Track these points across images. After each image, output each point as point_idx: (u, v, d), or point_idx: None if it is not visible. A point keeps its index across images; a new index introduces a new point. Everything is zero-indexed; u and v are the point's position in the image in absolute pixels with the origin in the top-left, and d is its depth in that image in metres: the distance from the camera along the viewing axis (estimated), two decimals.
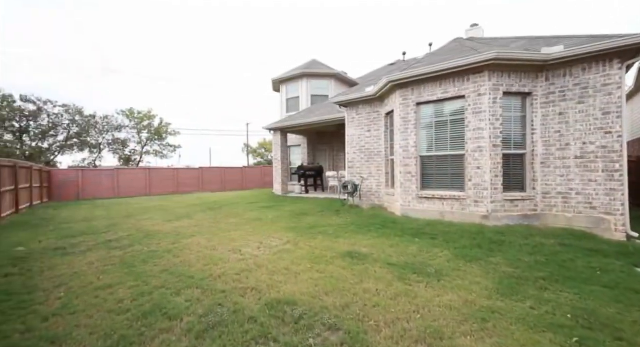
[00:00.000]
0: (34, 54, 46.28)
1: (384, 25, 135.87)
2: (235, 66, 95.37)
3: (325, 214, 7.35)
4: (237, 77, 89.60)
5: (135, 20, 70.43)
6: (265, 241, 5.14)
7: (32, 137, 20.79)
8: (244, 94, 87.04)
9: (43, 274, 3.86)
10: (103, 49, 59.99)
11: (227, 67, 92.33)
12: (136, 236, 5.81)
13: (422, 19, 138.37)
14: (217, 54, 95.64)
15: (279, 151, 12.97)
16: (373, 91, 7.53)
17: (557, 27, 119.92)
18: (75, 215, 9.47)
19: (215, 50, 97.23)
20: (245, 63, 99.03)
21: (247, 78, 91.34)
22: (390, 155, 7.58)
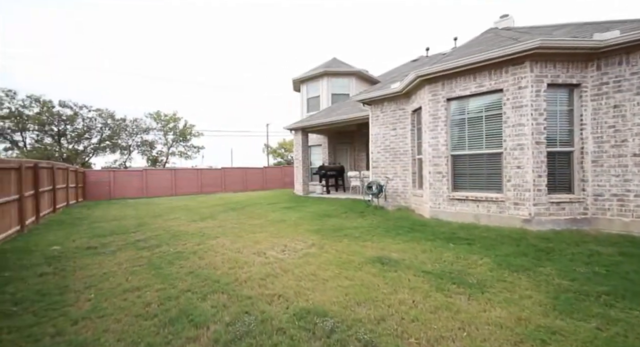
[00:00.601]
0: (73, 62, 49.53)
1: (402, 22, 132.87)
2: (253, 67, 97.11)
3: (349, 216, 7.11)
4: (256, 78, 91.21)
5: (153, 23, 73.55)
6: (290, 244, 5.00)
7: (69, 140, 22.16)
8: (263, 95, 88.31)
9: (75, 273, 3.93)
10: (129, 54, 63.15)
11: (245, 68, 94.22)
12: (163, 236, 5.88)
13: (443, 15, 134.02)
14: (234, 54, 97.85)
15: (299, 151, 12.87)
16: (399, 87, 7.19)
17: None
18: (107, 214, 9.86)
19: (233, 51, 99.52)
20: (263, 63, 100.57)
21: (266, 78, 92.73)
22: (417, 154, 7.21)
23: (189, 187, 19.61)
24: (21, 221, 6.92)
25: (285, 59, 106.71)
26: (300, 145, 12.76)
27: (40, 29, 51.06)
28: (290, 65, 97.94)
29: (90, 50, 54.99)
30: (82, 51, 53.30)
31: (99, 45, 57.09)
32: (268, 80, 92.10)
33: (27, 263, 4.39)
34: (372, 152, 8.32)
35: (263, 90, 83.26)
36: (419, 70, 6.17)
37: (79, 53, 52.55)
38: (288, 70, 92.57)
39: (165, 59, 70.37)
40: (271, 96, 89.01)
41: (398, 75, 14.51)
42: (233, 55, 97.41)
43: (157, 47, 71.80)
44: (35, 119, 20.01)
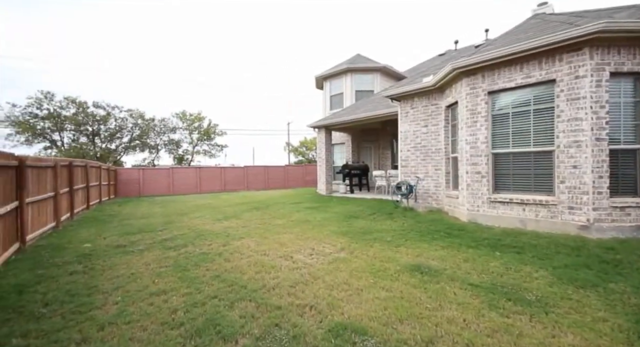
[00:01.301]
0: (104, 64, 52.38)
1: (424, 17, 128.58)
2: (274, 66, 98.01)
3: (378, 217, 6.76)
4: (277, 77, 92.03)
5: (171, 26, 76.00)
6: (317, 247, 4.75)
7: (103, 139, 23.34)
8: (285, 93, 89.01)
9: (104, 273, 3.91)
10: (156, 56, 65.80)
11: (265, 66, 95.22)
12: (189, 236, 5.84)
13: (467, 10, 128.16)
14: (254, 53, 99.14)
15: (323, 149, 12.62)
16: (432, 81, 6.72)
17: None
18: (136, 211, 10.13)
19: (253, 49, 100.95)
20: (283, 62, 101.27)
21: (287, 77, 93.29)
22: (451, 152, 6.71)
23: (213, 185, 19.98)
24: (56, 217, 7.18)
25: (307, 57, 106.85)
26: (324, 143, 12.50)
27: (73, 33, 54.39)
28: (312, 63, 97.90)
29: (119, 53, 57.86)
30: (111, 54, 56.19)
31: (128, 48, 59.96)
32: (290, 79, 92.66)
33: (60, 261, 4.45)
34: (401, 150, 7.89)
35: (284, 89, 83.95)
36: (456, 61, 5.68)
37: (109, 56, 55.45)
38: (310, 69, 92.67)
39: (191, 61, 72.62)
40: (293, 95, 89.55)
41: (425, 70, 13.86)
42: (254, 55, 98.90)
43: (183, 49, 74.25)
44: (71, 119, 21.22)
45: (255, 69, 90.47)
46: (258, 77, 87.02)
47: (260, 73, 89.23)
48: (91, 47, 54.15)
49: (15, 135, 19.72)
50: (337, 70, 14.38)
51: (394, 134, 13.59)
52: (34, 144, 20.67)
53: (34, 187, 5.99)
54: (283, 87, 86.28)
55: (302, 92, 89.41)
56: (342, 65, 14.30)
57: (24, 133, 19.83)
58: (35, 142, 20.65)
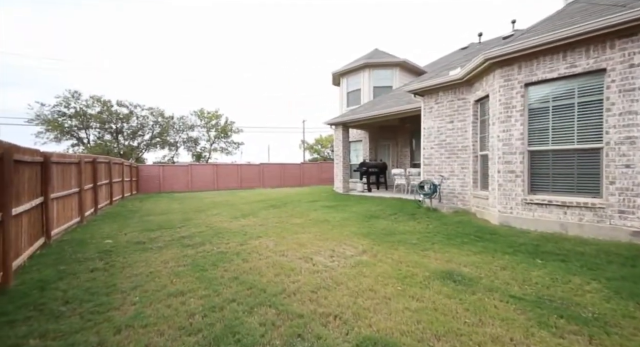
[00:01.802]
0: (127, 64, 54.22)
1: (437, 13, 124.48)
2: (287, 64, 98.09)
3: (400, 218, 6.45)
4: (291, 75, 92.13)
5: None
6: (338, 249, 4.53)
7: (125, 136, 24.10)
8: (299, 91, 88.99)
9: (123, 271, 3.86)
10: (175, 55, 67.38)
11: (279, 65, 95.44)
12: (206, 234, 5.78)
13: (485, 5, 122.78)
14: (270, 51, 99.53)
15: (340, 147, 12.35)
16: (459, 74, 6.30)
17: None
18: (156, 208, 10.29)
19: (267, 46, 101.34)
20: (299, 59, 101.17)
21: (300, 75, 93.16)
22: (480, 150, 6.29)
23: (230, 182, 20.17)
24: (81, 212, 7.34)
25: (323, 53, 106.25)
26: (341, 141, 12.23)
27: (92, 34, 56.54)
28: (329, 60, 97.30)
29: (140, 53, 59.67)
30: (131, 54, 58.03)
31: (147, 48, 61.74)
32: (302, 78, 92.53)
33: (82, 257, 4.47)
34: (423, 148, 7.51)
35: (299, 87, 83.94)
36: (489, 51, 5.25)
37: (130, 55, 57.28)
38: (326, 65, 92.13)
39: (207, 58, 73.88)
40: (307, 92, 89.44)
41: (447, 64, 13.28)
42: (267, 52, 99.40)
43: (200, 46, 75.63)
44: (97, 117, 22.02)
45: (269, 66, 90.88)
46: (272, 74, 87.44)
47: (274, 70, 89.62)
48: (112, 47, 56.14)
49: (45, 133, 20.69)
50: (355, 66, 14.03)
51: (414, 131, 13.13)
52: (62, 142, 21.63)
53: (59, 183, 6.11)
54: (298, 84, 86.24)
55: (317, 90, 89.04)
56: (360, 61, 13.93)
57: (53, 131, 20.77)
58: (63, 139, 21.59)
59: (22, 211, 4.22)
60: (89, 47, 52.95)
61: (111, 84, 47.93)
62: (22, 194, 4.32)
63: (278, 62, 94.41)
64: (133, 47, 60.81)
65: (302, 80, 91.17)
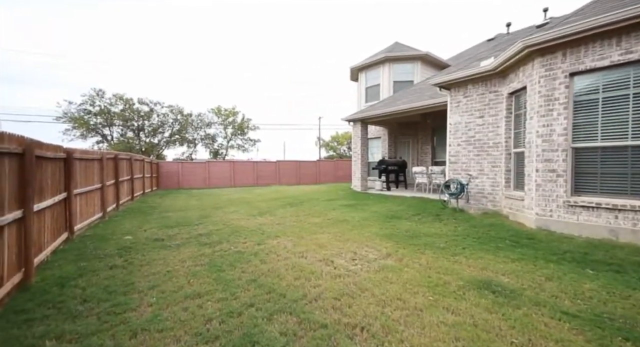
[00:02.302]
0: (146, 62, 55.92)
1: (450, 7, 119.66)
2: (303, 60, 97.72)
3: (424, 219, 6.11)
4: (307, 72, 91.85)
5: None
6: (360, 251, 4.28)
7: (147, 133, 24.80)
8: (316, 88, 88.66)
9: (141, 269, 3.80)
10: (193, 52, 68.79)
11: (296, 61, 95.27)
12: (224, 232, 5.68)
13: None
14: (287, 47, 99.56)
15: (358, 144, 12.03)
16: (492, 65, 5.84)
17: None
18: (175, 204, 10.42)
19: (286, 43, 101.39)
20: (314, 56, 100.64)
21: (316, 72, 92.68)
22: (513, 147, 5.82)
23: (246, 179, 20.30)
24: (103, 208, 7.48)
25: (340, 50, 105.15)
26: (359, 137, 11.90)
27: (111, 32, 58.51)
28: (345, 57, 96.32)
29: (158, 51, 61.32)
30: (150, 52, 59.73)
31: (164, 45, 63.34)
32: (320, 73, 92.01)
33: (102, 253, 4.47)
34: (449, 144, 7.09)
35: (315, 83, 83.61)
36: (528, 38, 4.79)
37: (148, 53, 58.97)
38: (343, 62, 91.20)
39: (223, 54, 74.84)
40: (323, 89, 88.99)
41: (472, 56, 12.63)
42: (284, 48, 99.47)
43: (217, 42, 76.71)
44: (119, 115, 22.76)
45: (286, 62, 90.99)
46: (289, 70, 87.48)
47: (291, 66, 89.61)
48: (133, 45, 58.01)
49: (72, 130, 21.60)
50: (374, 60, 13.60)
51: (436, 128, 12.59)
52: (87, 139, 22.52)
53: (81, 179, 6.20)
54: (315, 80, 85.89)
55: (334, 86, 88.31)
56: (380, 55, 13.48)
57: (80, 128, 21.64)
58: (89, 136, 22.47)
59: (44, 206, 4.24)
60: (110, 46, 54.94)
61: (132, 82, 49.61)
62: (45, 189, 4.35)
63: (295, 58, 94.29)
64: (152, 45, 62.61)
65: (318, 76, 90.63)
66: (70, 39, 52.54)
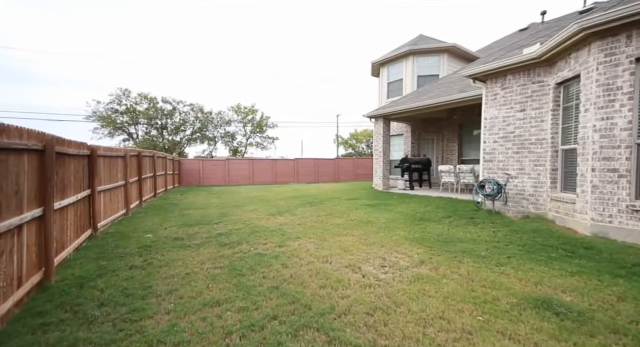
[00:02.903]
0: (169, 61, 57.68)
1: None
2: (320, 58, 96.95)
3: (456, 222, 5.63)
4: (326, 69, 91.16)
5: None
6: (389, 257, 3.93)
7: (169, 132, 25.45)
8: (333, 85, 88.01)
9: (160, 270, 3.66)
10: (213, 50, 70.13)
11: (312, 58, 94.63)
12: (243, 232, 5.50)
13: None
14: (304, 44, 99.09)
15: (380, 141, 11.57)
16: (538, 52, 5.24)
17: None
18: (196, 201, 10.46)
19: (304, 40, 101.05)
20: (332, 53, 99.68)
21: (334, 68, 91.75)
22: (561, 144, 5.22)
23: (265, 177, 20.31)
24: (127, 205, 7.55)
25: (357, 48, 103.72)
26: (381, 135, 11.44)
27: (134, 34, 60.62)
28: (361, 54, 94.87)
29: (177, 48, 63.01)
30: (169, 49, 61.46)
31: (182, 43, 64.96)
32: (339, 71, 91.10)
33: (123, 252, 4.39)
34: (484, 141, 6.52)
35: (334, 81, 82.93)
36: (585, 19, 4.19)
37: (168, 51, 60.69)
38: (361, 59, 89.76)
39: (242, 52, 75.66)
40: (343, 86, 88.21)
41: (504, 48, 11.82)
42: (301, 46, 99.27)
43: (235, 41, 77.68)
44: (144, 114, 23.47)
45: (303, 59, 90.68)
46: (306, 68, 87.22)
47: (308, 64, 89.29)
48: (156, 44, 59.94)
49: (101, 129, 22.51)
50: (397, 54, 13.02)
51: (463, 124, 11.87)
52: (115, 137, 23.42)
53: (105, 177, 6.23)
54: (333, 78, 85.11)
55: (352, 83, 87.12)
56: (404, 48, 12.89)
57: (107, 127, 22.52)
58: (116, 135, 23.36)
59: (67, 204, 4.21)
60: (137, 46, 57.13)
61: (156, 81, 51.33)
62: (68, 187, 4.32)
63: (313, 56, 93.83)
64: (175, 45, 64.45)
65: (337, 73, 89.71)
66: (98, 41, 55.16)
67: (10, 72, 49.11)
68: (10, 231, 2.77)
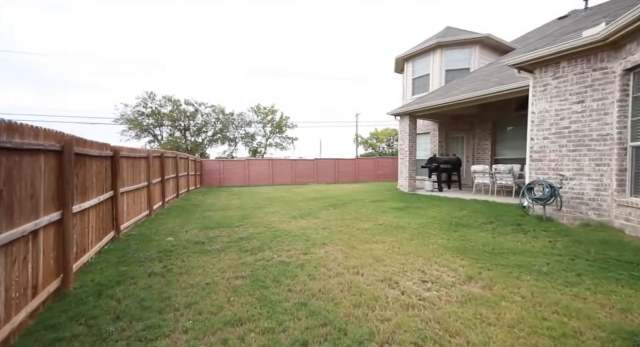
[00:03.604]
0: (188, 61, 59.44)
1: None
2: (339, 56, 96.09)
3: (500, 229, 5.02)
4: (342, 69, 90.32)
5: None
6: (429, 270, 3.45)
7: (192, 133, 26.01)
8: (352, 84, 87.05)
9: (180, 279, 3.41)
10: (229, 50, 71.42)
11: (331, 57, 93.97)
12: (265, 236, 5.21)
13: None
14: (322, 43, 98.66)
15: (406, 140, 10.96)
16: (602, 33, 4.53)
17: None
18: (217, 202, 10.38)
19: (321, 40, 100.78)
20: (352, 53, 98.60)
21: (353, 66, 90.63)
22: (631, 140, 4.48)
23: (284, 177, 20.17)
24: (150, 206, 7.52)
25: (377, 47, 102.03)
26: (407, 133, 10.83)
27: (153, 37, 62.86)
28: (380, 53, 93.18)
29: (196, 49, 64.70)
30: (189, 51, 63.16)
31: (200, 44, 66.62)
32: (356, 69, 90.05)
33: (143, 257, 4.22)
34: (532, 138, 5.82)
35: (351, 79, 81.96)
36: None
37: (189, 53, 62.41)
38: (381, 58, 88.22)
39: (260, 53, 76.39)
40: (362, 85, 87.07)
41: (543, 37, 10.91)
42: (321, 45, 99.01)
43: (252, 41, 78.57)
44: (168, 116, 24.11)
45: (322, 59, 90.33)
46: (325, 67, 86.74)
47: (327, 63, 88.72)
48: (177, 46, 61.83)
49: (128, 131, 23.36)
50: (424, 47, 12.34)
51: (497, 121, 11.00)
52: (141, 139, 24.22)
53: (129, 178, 6.18)
54: (351, 76, 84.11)
55: (372, 82, 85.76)
56: (431, 41, 12.18)
57: (134, 129, 23.32)
58: (142, 137, 24.15)
59: (89, 206, 4.09)
60: (160, 49, 59.29)
61: (179, 83, 52.90)
62: (89, 189, 4.20)
63: (332, 54, 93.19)
64: (196, 46, 66.22)
65: (355, 71, 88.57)
66: (123, 44, 57.85)
67: (48, 77, 52.52)
68: (25, 237, 2.60)
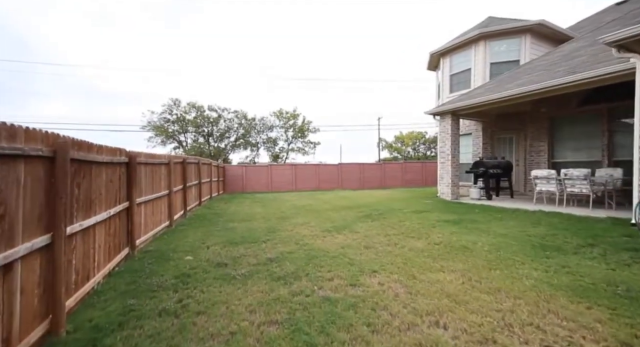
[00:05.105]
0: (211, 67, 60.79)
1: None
2: (362, 58, 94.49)
3: (611, 255, 3.82)
4: (363, 71, 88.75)
5: None
6: (547, 326, 2.39)
7: (215, 139, 26.01)
8: (372, 88, 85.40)
9: (197, 322, 2.60)
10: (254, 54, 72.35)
11: (354, 59, 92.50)
12: (298, 257, 4.34)
13: None
14: (344, 45, 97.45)
15: (447, 142, 9.78)
16: None
17: None
18: (240, 210, 9.72)
19: (343, 42, 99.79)
20: (375, 54, 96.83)
21: (375, 67, 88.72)
22: None
23: (308, 182, 19.41)
24: (170, 216, 6.93)
25: (401, 47, 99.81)
26: (449, 134, 9.66)
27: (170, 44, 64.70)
28: (404, 52, 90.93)
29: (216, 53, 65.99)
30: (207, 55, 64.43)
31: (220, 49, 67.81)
32: (378, 72, 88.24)
33: (156, 283, 3.48)
34: None
35: (372, 81, 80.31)
36: None
37: (208, 57, 63.70)
38: (406, 58, 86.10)
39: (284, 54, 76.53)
40: (384, 88, 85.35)
41: (599, 25, 9.51)
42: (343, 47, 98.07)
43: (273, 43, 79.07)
44: (192, 122, 24.24)
45: (344, 60, 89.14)
46: (347, 69, 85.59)
47: (349, 65, 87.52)
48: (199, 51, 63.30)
49: (154, 137, 23.69)
50: (464, 40, 11.15)
51: (554, 118, 9.55)
52: (167, 145, 24.50)
53: (147, 186, 5.58)
54: (373, 78, 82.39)
55: (393, 84, 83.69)
56: (472, 32, 10.98)
57: (160, 136, 23.61)
58: (167, 143, 24.42)
59: (94, 222, 3.41)
60: (182, 55, 61.04)
61: (202, 89, 54.01)
62: (96, 201, 3.54)
63: (355, 56, 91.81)
64: (217, 51, 67.61)
65: (377, 73, 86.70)
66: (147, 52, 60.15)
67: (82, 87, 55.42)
68: None
